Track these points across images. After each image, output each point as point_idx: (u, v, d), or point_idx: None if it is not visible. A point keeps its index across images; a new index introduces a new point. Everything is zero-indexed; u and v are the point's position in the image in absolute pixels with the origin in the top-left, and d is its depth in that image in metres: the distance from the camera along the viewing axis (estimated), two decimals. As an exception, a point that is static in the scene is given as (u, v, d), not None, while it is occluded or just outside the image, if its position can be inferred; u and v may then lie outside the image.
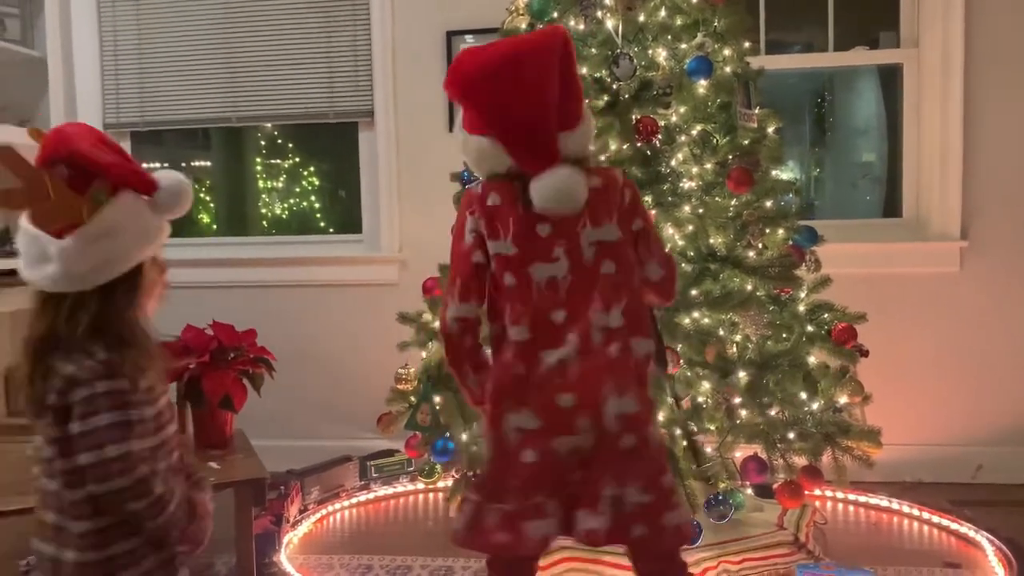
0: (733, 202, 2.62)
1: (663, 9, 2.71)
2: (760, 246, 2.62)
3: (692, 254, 2.61)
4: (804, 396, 2.56)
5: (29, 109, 3.58)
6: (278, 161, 4.43)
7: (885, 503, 3.11)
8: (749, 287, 2.57)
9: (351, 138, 3.88)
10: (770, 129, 2.77)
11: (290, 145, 4.40)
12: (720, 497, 2.50)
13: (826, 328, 2.68)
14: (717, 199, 2.62)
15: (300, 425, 3.73)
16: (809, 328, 2.67)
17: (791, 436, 2.53)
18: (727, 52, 2.71)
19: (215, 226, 4.29)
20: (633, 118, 2.61)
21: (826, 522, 2.93)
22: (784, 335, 2.63)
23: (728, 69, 2.70)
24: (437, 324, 2.83)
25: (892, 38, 3.56)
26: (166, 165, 4.25)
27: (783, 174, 2.85)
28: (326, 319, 3.77)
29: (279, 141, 4.39)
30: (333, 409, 3.72)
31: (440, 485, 3.16)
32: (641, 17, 2.69)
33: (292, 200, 4.43)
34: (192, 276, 3.67)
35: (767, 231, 2.64)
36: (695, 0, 2.69)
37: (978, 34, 3.35)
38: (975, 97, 3.37)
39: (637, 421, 1.71)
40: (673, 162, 2.66)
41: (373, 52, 3.72)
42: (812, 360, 2.63)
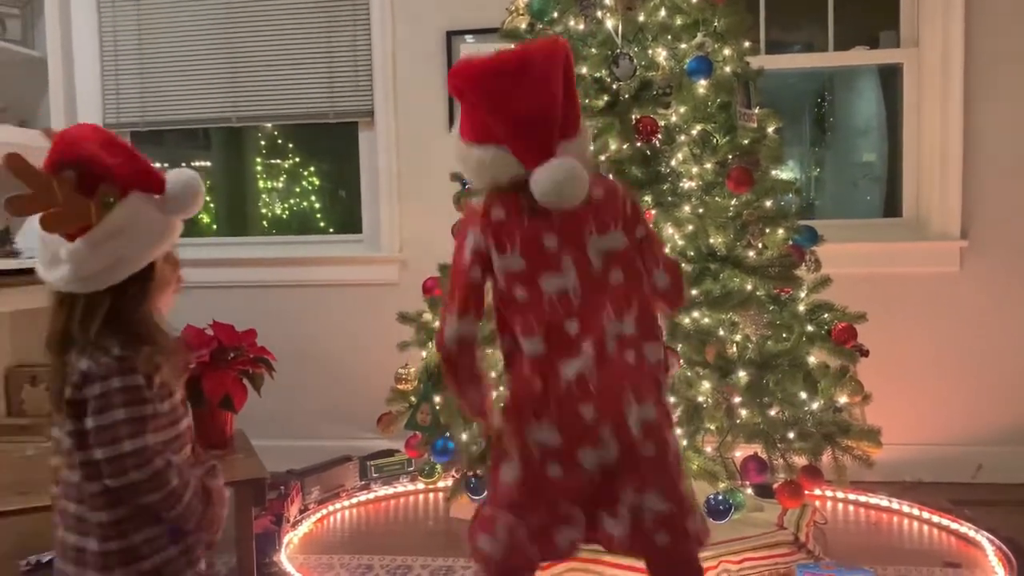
0: (733, 202, 2.62)
1: (663, 9, 2.71)
2: (760, 246, 2.62)
3: (692, 254, 2.61)
4: (804, 396, 2.56)
5: (29, 109, 3.58)
6: (278, 161, 4.43)
7: (885, 503, 3.11)
8: (749, 287, 2.57)
9: (351, 138, 3.88)
10: (770, 129, 2.77)
11: (290, 145, 4.39)
12: (720, 497, 2.51)
13: (826, 328, 2.68)
14: (717, 199, 2.62)
15: (300, 425, 3.73)
16: (809, 328, 2.67)
17: (791, 436, 2.53)
18: (727, 52, 2.72)
19: (215, 226, 4.29)
20: (633, 118, 2.61)
21: (826, 522, 2.93)
22: (784, 335, 2.63)
23: (728, 69, 2.70)
24: (437, 324, 2.84)
25: (892, 38, 3.56)
26: (166, 165, 4.25)
27: (783, 174, 2.85)
28: (326, 319, 3.77)
29: (279, 141, 4.39)
30: (333, 409, 3.72)
31: (440, 485, 3.17)
32: (641, 17, 2.69)
33: (292, 200, 4.43)
34: (192, 276, 3.60)
35: (767, 231, 2.64)
36: (695, 0, 2.69)
37: (978, 34, 3.35)
38: (975, 97, 3.37)
39: (657, 428, 1.71)
40: (673, 162, 2.67)
41: (373, 52, 3.72)
42: (812, 360, 2.63)
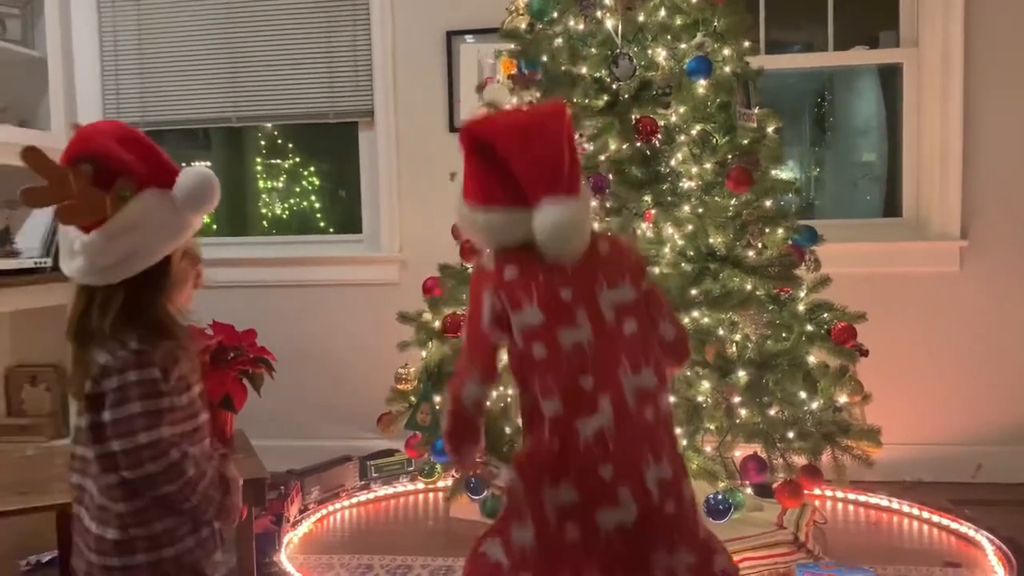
0: (733, 202, 2.62)
1: (663, 9, 2.71)
2: (760, 246, 2.62)
3: (692, 254, 2.61)
4: (804, 395, 2.56)
5: (29, 109, 3.58)
6: (278, 161, 4.43)
7: (885, 502, 3.11)
8: (749, 286, 2.57)
9: (351, 138, 3.88)
10: (770, 129, 2.77)
11: (290, 145, 4.40)
12: (720, 496, 2.51)
13: (826, 327, 2.68)
14: (717, 199, 2.62)
15: (300, 425, 3.73)
16: (809, 327, 2.67)
17: (791, 435, 2.53)
18: (727, 52, 2.72)
19: (215, 226, 4.29)
20: (633, 118, 2.61)
21: (826, 521, 2.93)
22: (784, 334, 2.63)
23: (728, 69, 2.71)
24: (438, 324, 2.85)
25: (892, 37, 3.56)
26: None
27: (783, 174, 2.85)
28: (326, 319, 3.77)
29: (279, 141, 4.39)
30: (333, 409, 3.72)
31: (440, 485, 3.17)
32: (641, 17, 2.69)
33: (292, 200, 4.43)
34: (192, 276, 3.66)
35: (767, 231, 2.64)
36: (694, 0, 2.69)
37: (978, 33, 3.36)
38: (975, 96, 3.37)
39: (675, 483, 1.69)
40: (673, 162, 2.67)
41: (373, 52, 3.72)
42: (812, 359, 2.63)
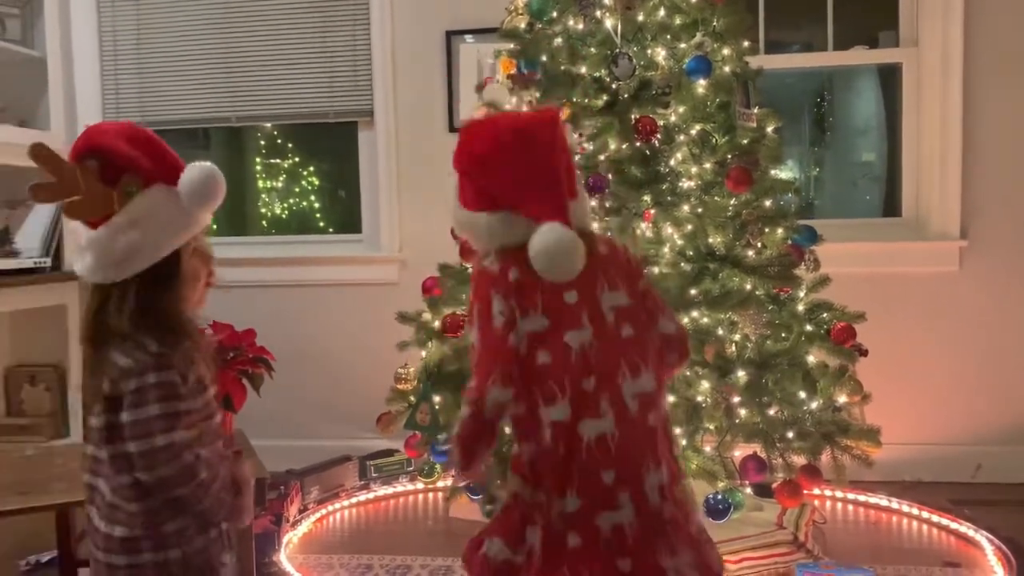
0: (732, 201, 2.62)
1: (662, 8, 2.71)
2: (759, 245, 2.62)
3: (691, 253, 2.61)
4: (803, 395, 2.56)
5: (29, 109, 3.58)
6: (278, 161, 4.43)
7: (885, 502, 3.11)
8: (748, 286, 2.57)
9: (351, 138, 3.88)
10: (769, 128, 2.77)
11: (290, 145, 4.40)
12: (719, 496, 2.51)
13: (825, 327, 2.68)
14: (716, 198, 2.62)
15: (300, 425, 3.73)
16: (808, 327, 2.67)
17: (790, 435, 2.53)
18: (726, 51, 2.72)
19: (215, 225, 4.29)
20: (632, 118, 2.61)
21: (825, 521, 2.93)
22: (783, 334, 2.63)
23: (727, 68, 2.71)
24: (437, 324, 2.85)
25: (891, 37, 3.56)
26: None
27: (782, 173, 2.85)
28: (326, 319, 3.77)
29: (279, 141, 4.39)
30: (333, 409, 3.72)
31: (440, 485, 3.17)
32: (640, 16, 2.69)
33: (292, 200, 4.43)
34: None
35: (766, 230, 2.64)
36: (694, 0, 2.69)
37: (977, 33, 3.36)
38: (974, 96, 3.37)
39: (671, 486, 1.69)
40: (672, 161, 2.67)
41: (373, 52, 3.72)
42: (811, 359, 2.63)
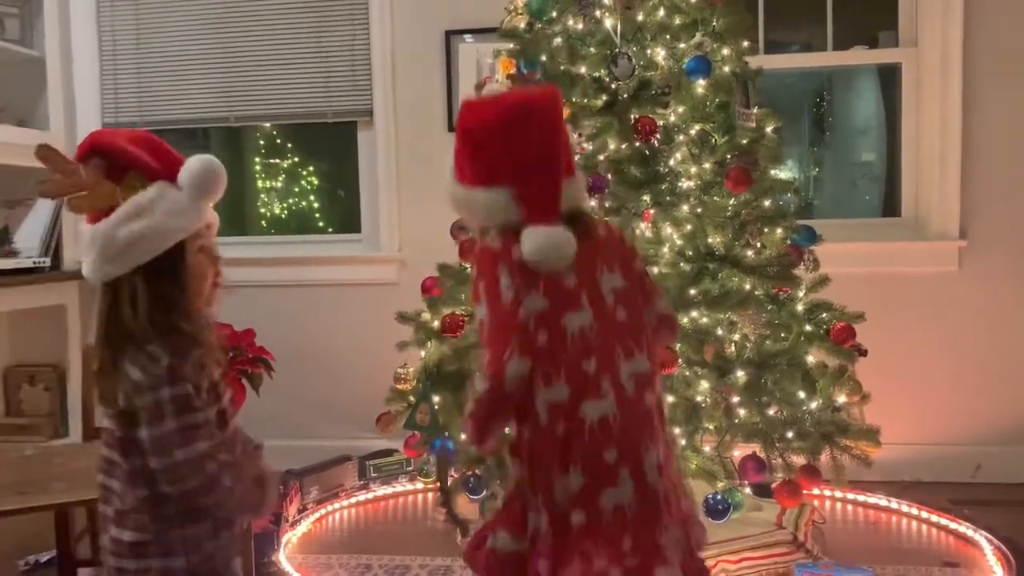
0: (732, 201, 2.62)
1: (662, 8, 2.71)
2: (759, 245, 2.62)
3: (691, 253, 2.60)
4: (802, 395, 2.56)
5: (28, 109, 3.58)
6: (277, 161, 4.43)
7: (884, 502, 3.11)
8: (748, 286, 2.57)
9: (350, 138, 3.88)
10: (769, 128, 2.77)
11: (289, 145, 4.40)
12: (719, 496, 2.51)
13: (824, 327, 2.68)
14: (716, 198, 2.62)
15: (299, 425, 3.73)
16: (807, 327, 2.67)
17: (789, 435, 2.53)
18: (726, 51, 2.72)
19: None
20: (632, 117, 2.61)
21: (825, 521, 2.93)
22: (783, 334, 2.63)
23: (727, 68, 2.70)
24: (436, 324, 2.84)
25: (891, 37, 3.56)
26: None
27: (782, 173, 2.85)
28: (325, 319, 3.77)
29: (278, 141, 4.39)
30: (332, 409, 3.72)
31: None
32: (640, 16, 2.69)
33: (291, 200, 4.43)
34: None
35: (765, 230, 2.64)
36: (693, 0, 2.69)
37: (977, 34, 3.36)
38: (974, 96, 3.37)
39: (666, 464, 1.70)
40: (672, 161, 2.66)
41: (372, 51, 3.72)
42: (810, 359, 2.63)
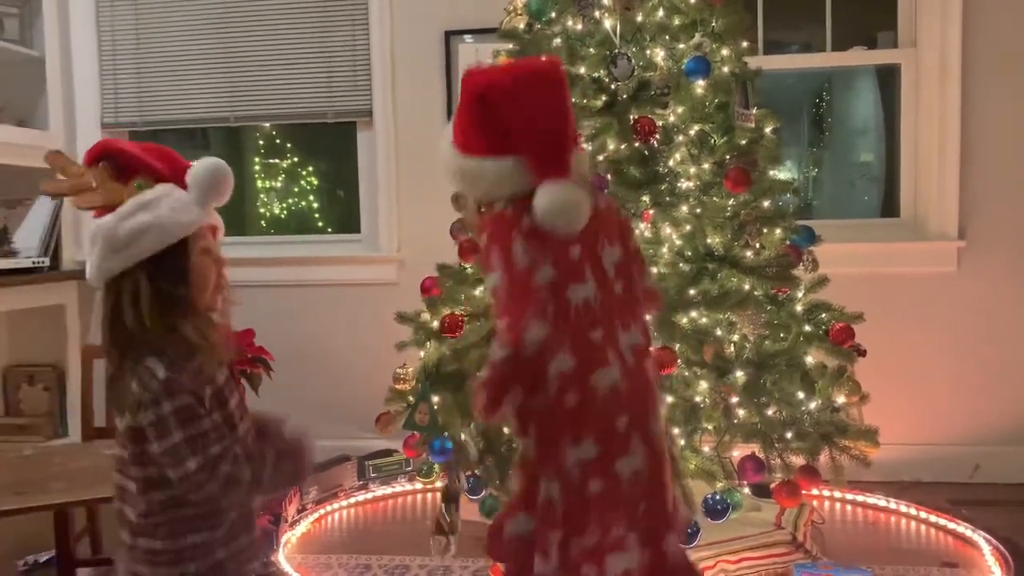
0: (731, 202, 2.62)
1: (661, 9, 2.71)
2: (758, 246, 2.62)
3: (690, 254, 2.60)
4: (802, 395, 2.56)
5: (27, 109, 3.58)
6: (277, 161, 4.43)
7: (883, 502, 3.12)
8: (747, 287, 2.57)
9: (349, 138, 3.88)
10: (768, 129, 2.77)
11: (288, 145, 4.40)
12: (718, 497, 2.51)
13: (824, 328, 2.68)
14: (715, 199, 2.62)
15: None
16: (807, 328, 2.67)
17: (789, 435, 2.53)
18: (725, 52, 2.72)
19: (215, 226, 4.30)
20: (631, 118, 2.61)
21: (824, 521, 2.94)
22: (782, 335, 2.63)
23: (726, 69, 2.71)
24: (436, 324, 2.84)
25: (890, 38, 3.57)
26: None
27: (781, 174, 2.85)
28: (325, 319, 3.77)
29: (278, 141, 4.39)
30: (331, 409, 3.72)
31: (438, 485, 3.16)
32: (639, 17, 2.69)
33: (291, 200, 4.43)
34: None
35: (765, 231, 2.64)
36: (693, 0, 2.69)
37: (976, 34, 3.36)
38: (973, 97, 3.37)
39: (664, 434, 1.73)
40: (671, 162, 2.66)
41: (372, 52, 3.72)
42: (810, 360, 2.63)
